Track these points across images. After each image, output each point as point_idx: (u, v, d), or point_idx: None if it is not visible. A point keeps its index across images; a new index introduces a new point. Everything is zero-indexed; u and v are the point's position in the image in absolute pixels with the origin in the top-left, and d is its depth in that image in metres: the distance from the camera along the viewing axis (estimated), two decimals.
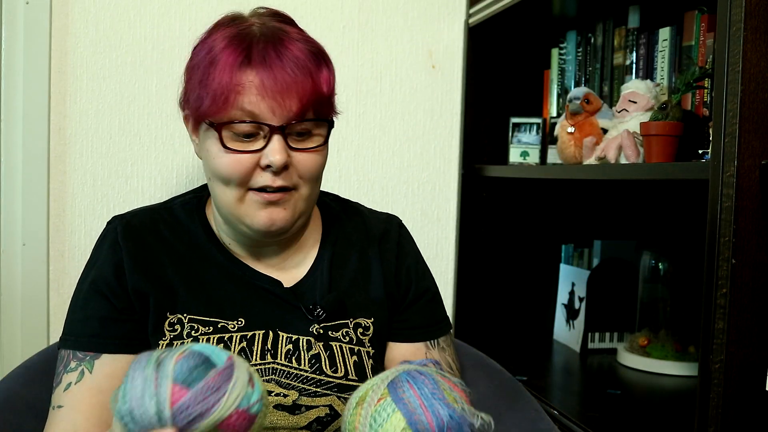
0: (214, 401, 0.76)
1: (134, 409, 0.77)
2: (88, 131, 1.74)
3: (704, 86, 1.35)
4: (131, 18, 1.75)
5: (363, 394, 0.90)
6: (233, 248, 1.15)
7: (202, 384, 0.77)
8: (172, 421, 0.75)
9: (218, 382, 0.77)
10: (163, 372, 0.77)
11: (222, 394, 0.76)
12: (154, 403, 0.76)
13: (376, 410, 0.87)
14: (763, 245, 1.04)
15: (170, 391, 0.76)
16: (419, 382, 0.88)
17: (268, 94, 1.01)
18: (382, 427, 0.85)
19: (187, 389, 0.76)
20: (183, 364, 0.78)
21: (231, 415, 0.77)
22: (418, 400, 0.86)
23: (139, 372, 0.79)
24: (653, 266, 1.80)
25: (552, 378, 1.73)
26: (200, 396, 0.76)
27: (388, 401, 0.87)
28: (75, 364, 1.06)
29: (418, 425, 0.84)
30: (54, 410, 1.05)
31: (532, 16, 1.86)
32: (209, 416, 0.76)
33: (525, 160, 1.87)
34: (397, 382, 0.89)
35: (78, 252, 1.75)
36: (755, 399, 1.05)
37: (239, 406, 0.77)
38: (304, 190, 1.08)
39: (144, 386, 0.77)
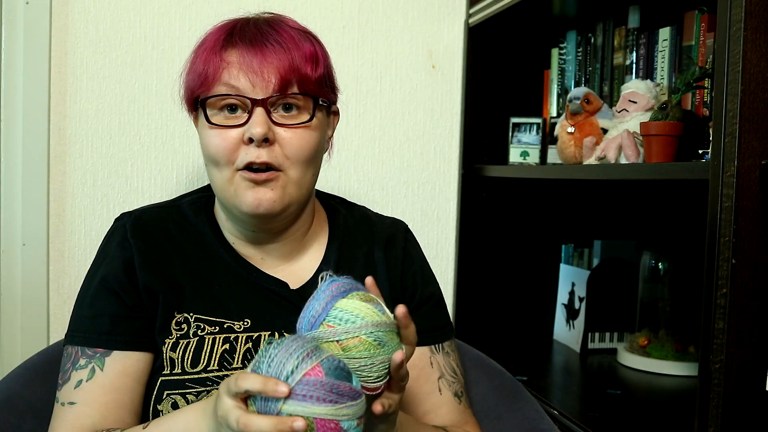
0: (332, 399, 0.81)
1: (277, 356, 0.83)
2: (88, 131, 1.74)
3: (704, 86, 1.35)
4: (131, 18, 1.75)
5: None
6: (238, 247, 1.15)
7: (337, 383, 0.82)
8: (296, 383, 0.81)
9: (346, 392, 0.83)
10: (318, 352, 0.83)
11: (341, 401, 0.82)
12: (294, 363, 0.82)
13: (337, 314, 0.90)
14: (763, 245, 1.04)
15: (312, 366, 0.82)
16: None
17: (248, 68, 1.04)
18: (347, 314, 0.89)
19: (324, 374, 0.82)
20: (335, 361, 0.84)
21: (330, 421, 0.81)
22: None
23: (301, 338, 0.85)
24: (653, 266, 1.80)
25: (552, 378, 1.73)
26: (328, 387, 0.81)
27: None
28: (85, 361, 1.06)
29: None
30: (64, 407, 1.05)
31: (532, 16, 1.86)
32: (319, 405, 0.81)
33: (525, 160, 1.87)
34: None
35: (78, 252, 1.75)
36: (755, 399, 1.05)
37: (342, 423, 0.82)
38: (293, 173, 1.07)
39: (298, 348, 0.83)
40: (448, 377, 1.18)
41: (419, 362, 1.15)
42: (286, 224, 1.14)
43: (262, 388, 0.80)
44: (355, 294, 0.91)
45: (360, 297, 0.91)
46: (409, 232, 1.27)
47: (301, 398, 0.81)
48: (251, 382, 0.81)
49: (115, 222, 1.16)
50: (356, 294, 0.91)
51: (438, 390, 1.16)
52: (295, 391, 0.81)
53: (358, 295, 0.91)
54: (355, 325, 0.88)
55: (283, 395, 0.80)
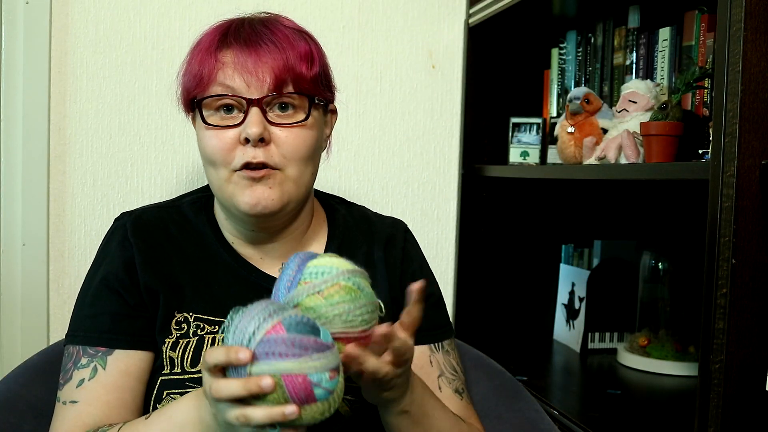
0: (297, 354, 0.82)
1: (239, 323, 0.84)
2: (88, 131, 1.74)
3: (704, 86, 1.35)
4: (131, 18, 1.75)
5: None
6: (238, 247, 1.15)
7: (300, 337, 0.83)
8: (256, 346, 0.82)
9: (311, 346, 0.83)
10: (279, 312, 0.84)
11: (306, 355, 0.82)
12: (255, 325, 0.83)
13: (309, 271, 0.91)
14: (763, 245, 1.04)
15: (272, 325, 0.83)
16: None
17: (242, 68, 1.04)
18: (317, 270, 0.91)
19: (285, 331, 0.83)
20: (296, 317, 0.84)
21: (298, 376, 0.82)
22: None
23: (264, 302, 0.86)
24: (653, 266, 1.80)
25: (552, 378, 1.73)
26: (290, 342, 0.82)
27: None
28: (86, 360, 1.06)
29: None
30: (65, 405, 1.05)
31: (532, 16, 1.86)
32: (284, 361, 0.81)
33: (525, 160, 1.87)
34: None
35: (78, 252, 1.75)
36: (755, 399, 1.05)
37: (311, 377, 0.82)
38: (291, 171, 1.07)
39: (259, 312, 0.84)
40: (448, 375, 1.18)
41: (419, 361, 1.15)
42: (285, 223, 1.14)
43: (225, 358, 0.82)
44: (325, 255, 0.94)
45: (328, 255, 0.94)
46: (408, 232, 1.27)
47: (264, 357, 0.82)
48: (216, 355, 0.83)
49: (115, 222, 1.16)
50: (323, 254, 0.94)
51: (438, 388, 1.16)
52: (258, 352, 0.82)
53: (325, 255, 0.94)
54: (332, 274, 0.90)
55: (245, 361, 0.81)
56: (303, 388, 0.82)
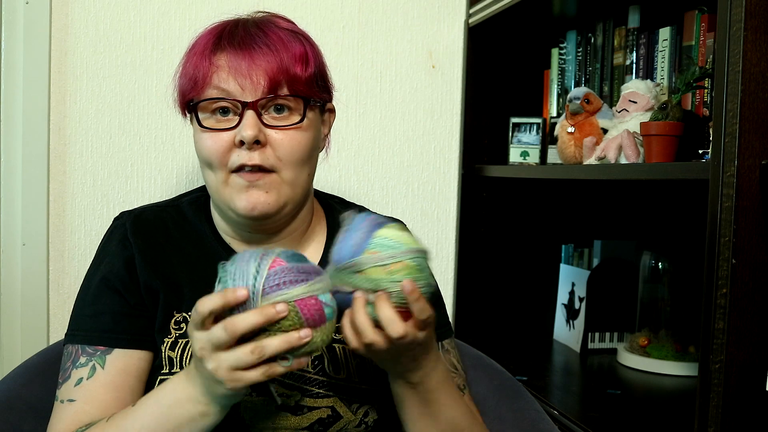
0: (303, 279, 0.87)
1: (237, 268, 0.87)
2: (88, 131, 1.74)
3: (704, 86, 1.35)
4: (131, 18, 1.75)
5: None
6: (236, 247, 1.15)
7: (300, 265, 0.88)
8: (264, 281, 0.86)
9: (310, 270, 0.88)
10: (269, 251, 0.89)
11: (311, 278, 0.88)
12: (255, 264, 0.87)
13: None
14: (763, 245, 1.04)
15: (272, 259, 0.87)
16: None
17: (236, 71, 1.04)
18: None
19: (286, 262, 0.88)
20: (287, 251, 0.90)
21: (310, 298, 0.86)
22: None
23: (247, 252, 0.90)
24: (653, 266, 1.80)
25: (552, 378, 1.72)
26: (295, 270, 0.87)
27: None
28: (85, 359, 1.06)
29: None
30: (63, 404, 1.05)
31: (532, 16, 1.86)
32: (295, 287, 0.86)
33: (525, 160, 1.87)
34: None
35: (78, 252, 1.75)
36: (755, 399, 1.05)
37: (319, 296, 0.87)
38: (286, 174, 1.07)
39: (251, 255, 0.88)
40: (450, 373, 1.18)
41: None
42: (282, 225, 1.13)
43: (223, 301, 0.84)
44: (392, 224, 0.96)
45: (397, 227, 0.96)
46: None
47: (276, 288, 0.85)
48: (210, 302, 0.85)
49: (115, 221, 1.16)
50: (393, 224, 0.96)
51: None
52: (268, 285, 0.85)
53: (394, 225, 0.96)
54: (399, 250, 0.92)
55: (243, 297, 0.84)
56: (316, 308, 0.86)
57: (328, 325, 0.88)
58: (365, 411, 1.10)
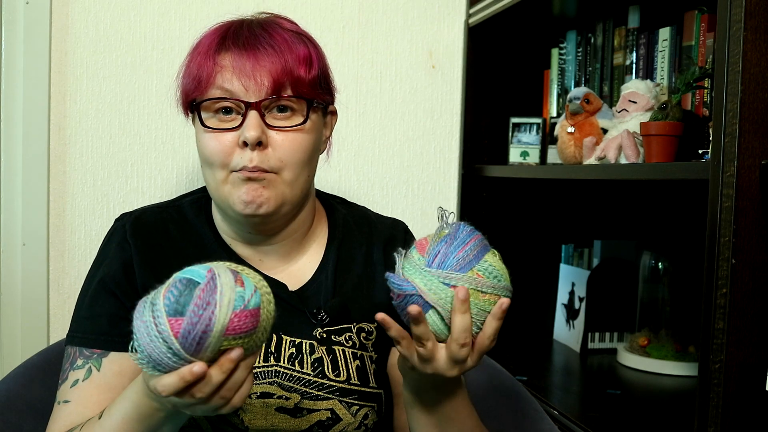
0: (209, 315, 0.81)
1: (150, 354, 0.82)
2: (88, 131, 1.74)
3: (704, 86, 1.35)
4: (131, 18, 1.75)
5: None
6: (236, 248, 1.15)
7: (192, 306, 0.81)
8: (184, 351, 0.81)
9: (205, 298, 0.82)
10: (156, 310, 0.82)
11: (214, 306, 0.81)
12: (161, 341, 0.81)
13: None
14: (763, 245, 1.04)
15: (169, 326, 0.81)
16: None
17: (241, 71, 1.04)
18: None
19: (181, 318, 0.81)
20: (170, 297, 0.83)
21: (232, 320, 0.82)
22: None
23: (139, 320, 0.84)
24: (653, 266, 1.80)
25: (552, 378, 1.72)
26: (195, 317, 0.81)
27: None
28: (82, 361, 1.06)
29: None
30: (59, 405, 1.05)
31: (532, 16, 1.86)
32: (212, 330, 0.81)
33: (525, 160, 1.87)
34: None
35: (78, 252, 1.75)
36: (755, 399, 1.05)
37: (235, 308, 0.82)
38: (287, 175, 1.07)
39: (148, 331, 0.82)
40: None
41: None
42: (282, 226, 1.13)
43: (184, 384, 0.82)
44: (495, 252, 0.97)
45: (499, 256, 0.97)
46: (408, 232, 1.26)
47: (203, 343, 0.81)
48: (171, 384, 0.82)
49: (115, 222, 1.16)
50: (496, 252, 0.97)
51: None
52: (192, 348, 0.81)
53: (497, 254, 0.97)
54: (500, 284, 0.94)
55: (203, 371, 0.81)
56: (244, 318, 0.82)
57: (263, 308, 0.85)
58: (365, 413, 1.10)
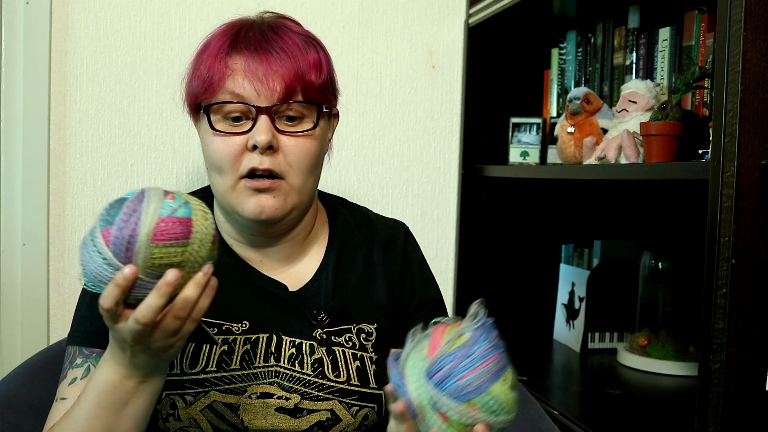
0: (135, 220, 0.84)
1: (91, 270, 0.86)
2: (88, 131, 1.74)
3: (704, 86, 1.35)
4: (131, 18, 1.75)
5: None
6: (238, 249, 1.15)
7: (120, 215, 0.85)
8: (116, 258, 0.84)
9: (132, 207, 0.85)
10: (93, 230, 0.87)
11: (140, 213, 0.85)
12: (97, 254, 0.85)
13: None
14: (763, 245, 1.04)
15: (101, 237, 0.85)
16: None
17: (252, 76, 1.04)
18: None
19: (110, 227, 0.85)
20: (103, 214, 0.87)
21: (158, 224, 0.84)
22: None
23: (82, 247, 0.88)
24: (653, 266, 1.80)
25: (552, 378, 1.73)
26: (122, 223, 0.84)
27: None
28: (81, 360, 1.07)
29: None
30: (57, 401, 1.05)
31: (532, 16, 1.86)
32: (138, 234, 0.84)
33: (525, 160, 1.87)
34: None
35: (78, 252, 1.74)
36: (755, 399, 1.05)
37: (161, 215, 0.85)
38: (295, 180, 1.07)
39: (87, 249, 0.86)
40: None
41: None
42: (287, 229, 1.14)
43: (120, 290, 0.84)
44: (507, 378, 0.89)
45: (511, 382, 0.89)
46: (409, 234, 1.26)
47: (132, 249, 0.84)
48: (108, 295, 0.85)
49: None
50: (508, 378, 0.89)
51: None
52: (123, 255, 0.84)
53: (511, 379, 0.90)
54: (498, 419, 0.87)
55: (133, 274, 0.83)
56: (172, 223, 0.84)
57: (195, 219, 0.86)
58: (365, 414, 1.10)
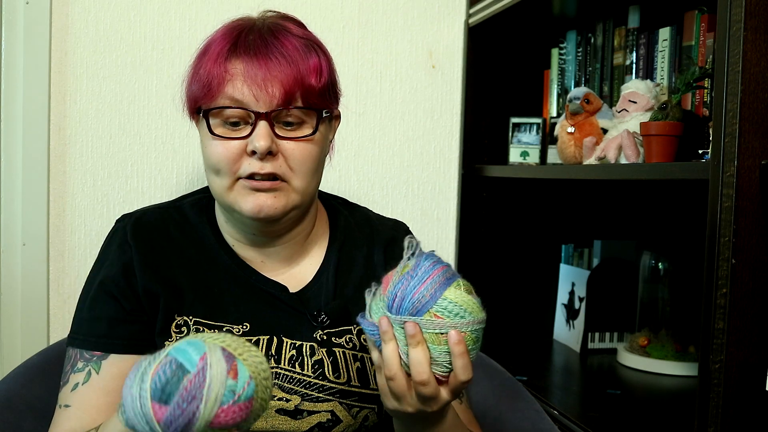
0: (193, 410, 0.78)
1: (134, 426, 0.80)
2: (88, 131, 1.74)
3: (704, 86, 1.35)
4: (131, 18, 1.75)
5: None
6: (238, 250, 1.14)
7: (177, 398, 0.79)
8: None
9: (193, 390, 0.79)
10: (143, 390, 0.80)
11: (199, 401, 0.78)
12: (144, 422, 0.79)
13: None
14: (763, 245, 1.04)
15: (152, 411, 0.79)
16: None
17: (252, 81, 1.03)
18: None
19: (166, 406, 0.79)
20: (157, 381, 0.80)
21: (218, 414, 0.79)
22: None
23: (128, 388, 0.82)
24: (653, 266, 1.80)
25: (552, 378, 1.72)
26: (179, 409, 0.78)
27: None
28: (82, 364, 1.06)
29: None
30: (60, 409, 1.06)
31: (532, 16, 1.86)
32: (195, 423, 0.78)
33: (525, 160, 1.87)
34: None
35: (78, 252, 1.75)
36: (755, 399, 1.05)
37: (222, 403, 0.79)
38: (297, 183, 1.06)
39: (133, 404, 0.80)
40: None
41: None
42: (287, 228, 1.13)
43: None
44: (460, 283, 0.91)
45: (465, 287, 0.91)
46: (410, 234, 1.26)
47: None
48: None
49: (116, 224, 1.15)
50: (461, 283, 0.91)
51: None
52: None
53: (463, 284, 0.91)
54: (464, 320, 0.88)
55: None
56: (232, 412, 0.79)
57: (255, 399, 0.81)
58: (365, 415, 1.10)
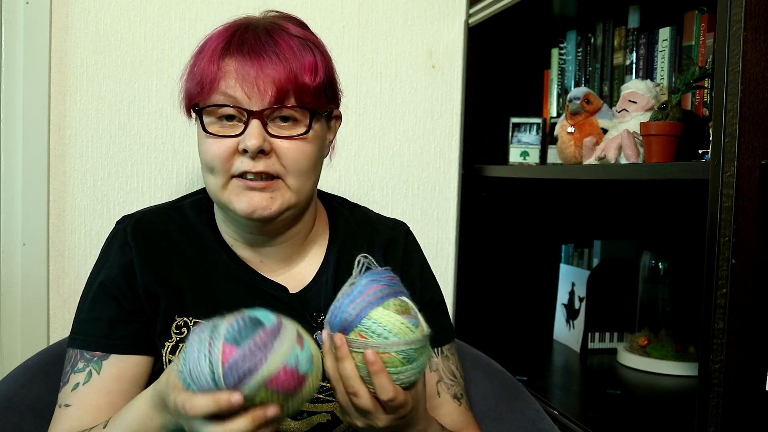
0: (261, 357, 0.80)
1: (192, 369, 0.81)
2: (88, 131, 1.74)
3: (704, 86, 1.35)
4: (131, 18, 1.75)
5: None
6: (238, 250, 1.15)
7: (251, 341, 0.81)
8: (224, 380, 0.80)
9: (265, 340, 0.81)
10: (216, 333, 0.82)
11: (269, 351, 0.80)
12: (207, 362, 0.80)
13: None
14: (763, 245, 1.04)
15: (221, 350, 0.80)
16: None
17: (245, 79, 1.03)
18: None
19: (236, 347, 0.80)
20: (234, 325, 0.82)
21: (279, 372, 0.80)
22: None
23: (195, 335, 0.83)
24: (653, 266, 1.80)
25: (552, 378, 1.73)
26: (249, 353, 0.80)
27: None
28: (83, 364, 1.07)
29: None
30: (60, 408, 1.06)
31: (532, 16, 1.86)
32: (258, 372, 0.80)
33: (525, 160, 1.87)
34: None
35: (78, 252, 1.75)
36: (755, 399, 1.05)
37: (287, 363, 0.81)
38: (291, 182, 1.06)
39: (199, 347, 0.82)
40: (447, 381, 1.17)
41: None
42: (285, 227, 1.13)
43: (217, 409, 0.80)
44: (391, 302, 0.90)
45: (396, 307, 0.90)
46: (410, 234, 1.26)
47: (241, 382, 0.79)
48: (203, 405, 0.81)
49: (117, 225, 1.16)
50: (392, 302, 0.90)
51: (437, 393, 1.15)
52: (231, 382, 0.79)
53: (394, 305, 0.90)
54: (387, 341, 0.88)
55: (239, 403, 0.79)
56: (290, 377, 0.81)
57: (309, 379, 0.83)
58: None
